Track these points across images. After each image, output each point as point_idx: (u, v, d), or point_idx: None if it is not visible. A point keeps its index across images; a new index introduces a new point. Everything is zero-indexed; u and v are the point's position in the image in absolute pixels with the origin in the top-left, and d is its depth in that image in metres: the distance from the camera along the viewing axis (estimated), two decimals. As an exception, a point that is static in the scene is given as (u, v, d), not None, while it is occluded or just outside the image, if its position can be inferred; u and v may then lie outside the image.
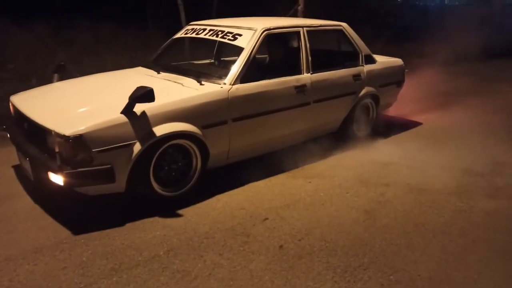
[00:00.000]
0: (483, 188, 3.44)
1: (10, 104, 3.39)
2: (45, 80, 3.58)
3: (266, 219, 2.89)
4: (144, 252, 2.49)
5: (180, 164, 3.06)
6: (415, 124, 5.15)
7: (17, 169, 3.52)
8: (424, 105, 5.73)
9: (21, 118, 3.10)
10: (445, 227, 2.86)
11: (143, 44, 7.06)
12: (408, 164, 3.86)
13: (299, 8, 7.08)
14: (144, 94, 2.67)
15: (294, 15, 7.08)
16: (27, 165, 2.94)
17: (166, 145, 2.90)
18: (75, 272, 2.31)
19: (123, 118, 2.70)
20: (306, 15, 6.83)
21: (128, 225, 2.77)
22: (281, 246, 2.59)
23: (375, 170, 3.74)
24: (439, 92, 6.38)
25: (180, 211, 2.95)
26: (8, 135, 3.35)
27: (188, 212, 2.95)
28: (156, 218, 2.85)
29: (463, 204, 3.17)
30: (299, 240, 2.67)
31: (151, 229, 2.73)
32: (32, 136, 2.95)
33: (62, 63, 3.78)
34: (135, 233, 2.68)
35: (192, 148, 3.07)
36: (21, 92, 3.49)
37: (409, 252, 2.56)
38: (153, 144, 2.80)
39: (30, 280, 2.25)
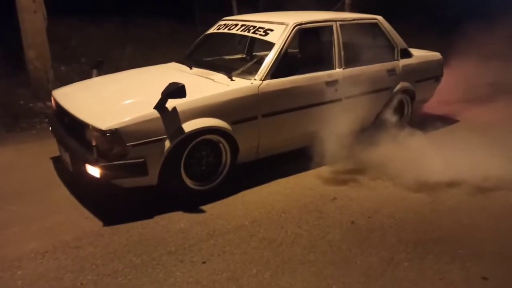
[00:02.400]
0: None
1: (52, 98, 3.57)
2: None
3: (335, 198, 3.13)
4: (232, 222, 2.79)
5: (210, 158, 3.12)
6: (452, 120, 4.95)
7: (55, 161, 3.71)
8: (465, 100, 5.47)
9: (62, 112, 3.26)
10: (510, 210, 2.97)
11: (194, 40, 7.37)
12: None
13: (346, 0, 6.97)
14: (176, 90, 2.73)
15: (341, 8, 6.98)
16: (67, 158, 3.10)
17: (196, 140, 2.96)
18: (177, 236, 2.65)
19: (156, 114, 2.78)
20: (353, 9, 6.73)
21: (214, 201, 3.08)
22: (352, 222, 2.82)
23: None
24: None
25: (258, 188, 3.26)
26: (50, 128, 3.53)
27: (263, 190, 3.24)
28: (240, 194, 3.18)
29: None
30: (369, 217, 2.88)
31: (234, 203, 3.05)
32: (72, 130, 3.09)
33: (101, 59, 3.93)
34: (221, 206, 3.00)
35: (222, 143, 3.12)
36: (62, 87, 3.67)
37: (475, 231, 2.73)
38: (184, 138, 2.86)
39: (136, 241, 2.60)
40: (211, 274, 2.29)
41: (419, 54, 4.48)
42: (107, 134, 2.65)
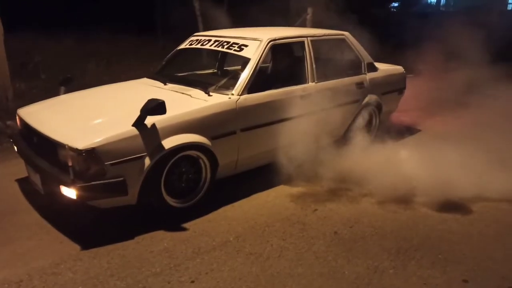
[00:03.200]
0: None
1: (17, 117, 3.39)
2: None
3: (316, 210, 3.19)
4: (216, 238, 2.77)
5: (190, 175, 3.08)
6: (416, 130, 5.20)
7: (22, 182, 3.52)
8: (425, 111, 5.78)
9: (29, 132, 3.11)
10: (478, 215, 3.14)
11: (157, 56, 7.28)
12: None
13: (308, 17, 7.16)
14: (156, 107, 2.69)
15: (303, 24, 7.16)
16: (37, 179, 2.94)
17: (177, 157, 2.91)
18: (162, 255, 2.60)
19: (135, 131, 2.71)
20: (314, 25, 6.92)
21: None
22: (335, 232, 2.88)
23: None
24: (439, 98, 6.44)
25: (238, 203, 3.26)
26: (15, 148, 3.35)
27: (244, 205, 3.24)
28: (222, 209, 3.16)
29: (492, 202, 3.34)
30: (351, 227, 2.97)
31: (216, 219, 3.03)
32: (42, 150, 2.95)
33: (69, 75, 3.79)
34: (203, 223, 2.97)
35: (202, 159, 3.09)
36: (28, 105, 3.50)
37: (451, 236, 2.87)
38: (164, 155, 2.81)
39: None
40: (201, 294, 2.25)
41: (383, 68, 4.69)
42: (84, 154, 2.55)
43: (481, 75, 5.77)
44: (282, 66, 3.88)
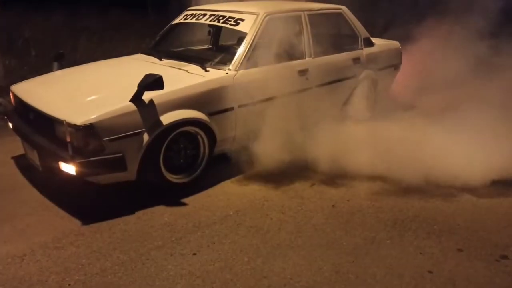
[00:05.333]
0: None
1: (11, 94, 3.35)
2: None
3: (314, 184, 3.24)
4: (216, 213, 2.80)
5: (188, 151, 3.08)
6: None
7: (18, 160, 3.50)
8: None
9: (24, 108, 3.07)
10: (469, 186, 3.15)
11: (149, 31, 7.11)
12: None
13: None
14: (154, 82, 2.66)
15: None
16: (34, 156, 2.93)
17: (175, 133, 2.91)
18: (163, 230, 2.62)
19: (132, 107, 2.70)
20: None
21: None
22: (333, 206, 2.94)
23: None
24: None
25: (236, 178, 3.28)
26: (11, 125, 3.32)
27: (242, 180, 3.26)
28: (220, 184, 3.19)
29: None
30: (348, 200, 3.02)
31: (215, 194, 3.06)
32: (39, 126, 2.92)
33: (61, 51, 3.72)
34: (202, 198, 2.99)
35: (200, 135, 3.09)
36: (22, 82, 3.45)
37: (445, 208, 2.93)
38: (163, 131, 2.81)
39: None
40: (203, 265, 2.29)
41: (380, 43, 4.67)
42: (82, 129, 2.54)
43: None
44: (279, 40, 3.83)
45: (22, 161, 3.38)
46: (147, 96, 2.75)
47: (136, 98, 2.71)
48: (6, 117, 3.55)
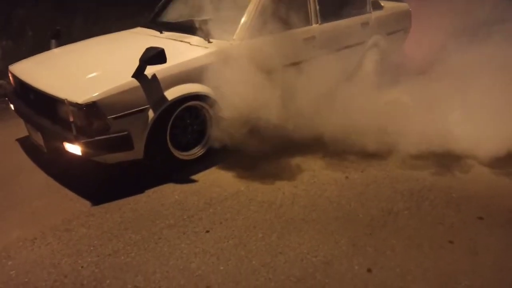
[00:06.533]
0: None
1: (10, 74, 3.24)
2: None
3: (324, 156, 3.13)
4: (227, 189, 2.74)
5: (194, 126, 2.99)
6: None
7: (23, 142, 3.44)
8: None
9: (24, 89, 2.97)
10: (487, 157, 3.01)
11: (147, 5, 6.91)
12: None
13: None
14: (156, 55, 2.54)
15: None
16: (38, 138, 2.86)
17: (180, 108, 2.81)
18: (174, 208, 2.56)
19: (135, 82, 2.59)
20: None
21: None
22: (346, 177, 2.85)
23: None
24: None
25: (246, 152, 3.07)
26: (12, 107, 3.23)
27: (252, 154, 3.06)
28: (229, 159, 3.09)
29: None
30: (361, 171, 2.94)
31: (224, 170, 2.98)
32: (40, 107, 2.83)
33: (58, 27, 3.58)
34: (212, 174, 2.94)
35: (206, 109, 2.99)
36: (19, 61, 3.33)
37: (462, 175, 2.86)
38: (168, 107, 2.71)
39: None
40: (217, 243, 2.25)
41: (388, 6, 4.46)
42: (85, 108, 2.44)
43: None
44: (284, 7, 3.65)
45: (27, 143, 3.31)
46: (149, 71, 2.64)
47: (139, 73, 2.60)
48: (7, 99, 3.46)
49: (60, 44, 3.48)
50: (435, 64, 4.77)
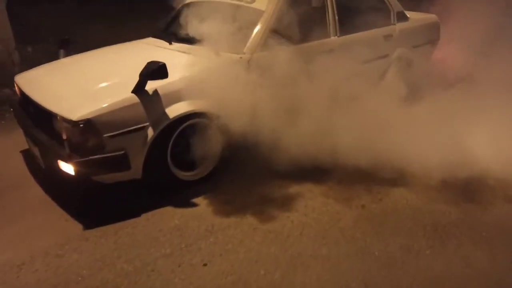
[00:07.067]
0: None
1: (15, 85, 3.15)
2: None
3: (341, 180, 2.85)
4: (231, 214, 2.53)
5: (200, 144, 2.80)
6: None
7: (26, 155, 3.32)
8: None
9: (26, 101, 2.86)
10: None
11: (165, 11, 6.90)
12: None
13: None
14: (156, 70, 2.38)
15: None
16: (36, 152, 2.73)
17: (184, 125, 2.63)
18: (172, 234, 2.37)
19: (135, 98, 2.42)
20: None
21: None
22: (363, 206, 2.59)
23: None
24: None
25: (254, 174, 2.93)
26: (16, 118, 3.13)
27: (260, 174, 2.92)
28: (236, 180, 2.88)
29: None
30: (380, 200, 2.66)
31: (230, 193, 2.76)
32: (39, 121, 2.71)
33: (67, 37, 3.48)
34: (216, 197, 2.72)
35: (212, 127, 2.79)
36: (26, 71, 3.24)
37: (495, 209, 2.53)
38: (169, 125, 2.53)
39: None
40: (214, 279, 2.03)
41: (415, 17, 4.18)
42: (80, 126, 2.29)
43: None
44: (300, 18, 3.44)
45: (30, 156, 3.19)
46: (151, 86, 2.47)
47: (139, 89, 2.43)
48: (11, 109, 3.37)
49: (69, 53, 3.38)
50: (467, 76, 4.47)
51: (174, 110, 2.52)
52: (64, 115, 2.32)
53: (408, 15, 4.04)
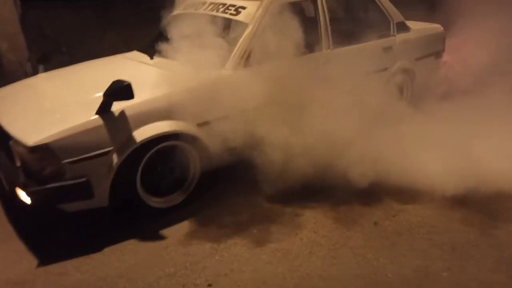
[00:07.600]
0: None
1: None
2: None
3: (351, 197, 2.67)
4: (237, 230, 2.43)
5: (174, 168, 2.58)
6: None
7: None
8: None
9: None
10: None
11: None
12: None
13: None
14: (120, 90, 2.17)
15: None
16: (1, 175, 2.55)
17: (155, 149, 2.42)
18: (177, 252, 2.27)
19: (98, 121, 2.22)
20: None
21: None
22: (375, 223, 2.45)
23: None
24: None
25: (261, 189, 2.74)
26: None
27: (268, 191, 2.73)
28: (242, 196, 2.74)
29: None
30: (393, 216, 2.51)
31: (235, 206, 2.65)
32: (3, 142, 2.53)
33: (45, 52, 3.32)
34: (223, 209, 2.62)
35: (188, 149, 2.57)
36: (3, 87, 3.08)
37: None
38: (137, 149, 2.32)
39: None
40: (217, 302, 1.86)
41: (417, 27, 3.91)
42: (35, 151, 2.10)
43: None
44: (289, 31, 3.21)
45: None
46: (118, 106, 2.27)
47: (103, 110, 2.23)
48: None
49: (47, 68, 3.22)
50: (480, 87, 4.16)
51: (142, 133, 2.31)
52: (20, 138, 2.13)
53: (409, 26, 3.77)
